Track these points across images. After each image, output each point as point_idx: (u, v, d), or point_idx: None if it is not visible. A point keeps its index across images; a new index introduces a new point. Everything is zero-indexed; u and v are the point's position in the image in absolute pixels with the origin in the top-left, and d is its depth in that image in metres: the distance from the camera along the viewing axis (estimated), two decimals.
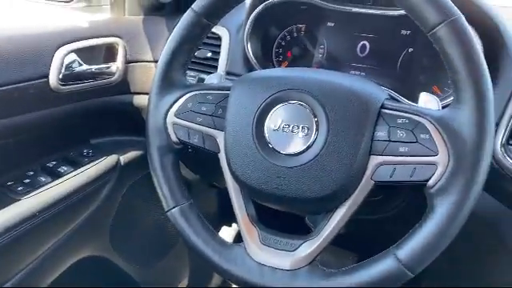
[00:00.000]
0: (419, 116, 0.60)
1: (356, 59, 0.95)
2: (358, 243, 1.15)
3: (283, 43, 1.02)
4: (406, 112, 0.61)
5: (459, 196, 0.56)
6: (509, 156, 0.73)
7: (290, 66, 1.01)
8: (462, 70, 0.57)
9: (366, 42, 0.94)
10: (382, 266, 0.60)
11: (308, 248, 0.66)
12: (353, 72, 0.95)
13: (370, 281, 0.61)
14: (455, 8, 0.58)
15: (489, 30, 0.79)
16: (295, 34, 1.01)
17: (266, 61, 1.00)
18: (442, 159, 0.58)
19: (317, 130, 0.64)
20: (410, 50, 0.90)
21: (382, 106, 0.63)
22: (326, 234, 0.65)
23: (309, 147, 0.64)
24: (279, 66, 1.02)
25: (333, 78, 0.67)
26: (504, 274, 0.84)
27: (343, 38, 0.96)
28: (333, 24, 0.97)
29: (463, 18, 0.58)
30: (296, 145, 0.65)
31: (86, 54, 0.96)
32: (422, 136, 0.59)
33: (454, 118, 0.58)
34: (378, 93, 0.65)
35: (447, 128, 0.58)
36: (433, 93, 0.81)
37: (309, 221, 0.87)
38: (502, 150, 0.74)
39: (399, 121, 0.61)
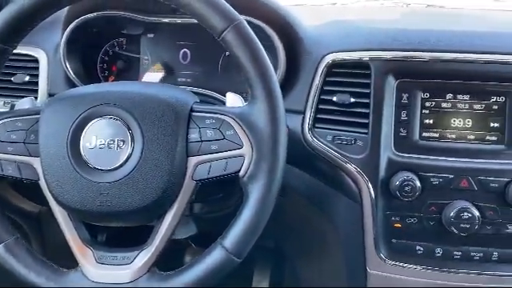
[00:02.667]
0: (223, 115, 0.66)
1: (180, 67, 0.99)
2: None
3: (106, 58, 1.02)
4: (212, 112, 0.66)
5: (266, 180, 0.63)
6: (315, 138, 0.83)
7: (117, 80, 1.00)
8: (251, 69, 0.63)
9: (186, 50, 0.98)
10: (212, 257, 0.64)
11: (144, 257, 0.67)
12: (180, 79, 0.99)
13: (204, 275, 0.64)
14: (236, 13, 0.64)
15: (286, 29, 0.89)
16: (117, 48, 1.01)
17: (91, 78, 0.98)
18: (246, 150, 0.64)
19: (132, 142, 0.65)
20: (227, 53, 0.96)
21: (192, 110, 0.67)
22: (158, 241, 0.67)
23: (127, 160, 0.65)
24: (106, 81, 1.01)
25: (142, 89, 0.69)
26: (332, 252, 0.94)
27: (165, 48, 0.99)
28: (152, 35, 0.99)
29: (244, 22, 0.64)
30: (114, 159, 0.65)
31: None
32: (227, 132, 0.65)
33: (250, 113, 0.64)
34: (186, 98, 0.69)
35: (246, 122, 0.64)
36: None
37: None
38: (310, 133, 0.84)
39: (207, 121, 0.66)
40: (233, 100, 0.71)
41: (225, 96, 0.78)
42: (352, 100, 0.82)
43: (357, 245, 0.84)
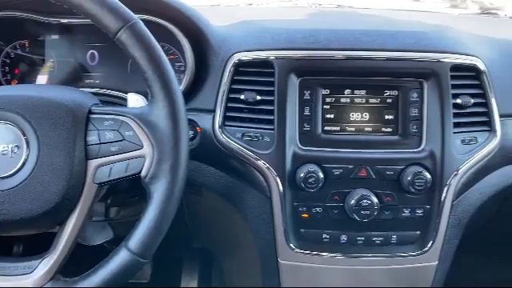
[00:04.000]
0: (122, 115, 0.65)
1: (88, 68, 0.96)
2: None
3: (8, 61, 0.97)
4: (111, 114, 0.66)
5: (168, 179, 0.64)
6: (226, 135, 0.85)
7: (21, 84, 0.96)
8: (148, 68, 0.64)
9: (94, 51, 0.96)
10: (117, 260, 0.64)
11: (46, 265, 0.65)
12: (88, 81, 0.96)
13: (109, 277, 0.64)
14: (131, 13, 0.64)
15: (192, 29, 0.90)
16: (20, 51, 0.97)
17: None
18: (147, 151, 0.64)
19: (27, 147, 0.63)
20: None
21: (90, 112, 0.66)
22: (61, 247, 0.65)
23: (22, 166, 0.63)
24: (8, 84, 0.96)
25: (38, 93, 0.67)
26: (247, 246, 0.97)
27: (71, 50, 0.96)
28: (57, 36, 0.96)
29: (141, 23, 0.65)
30: (8, 166, 0.63)
31: None
32: (127, 133, 0.64)
33: (150, 113, 0.65)
34: (84, 100, 0.67)
35: (146, 122, 0.64)
36: None
37: None
38: (220, 130, 0.86)
39: (106, 123, 0.65)
40: (134, 100, 0.71)
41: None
42: (258, 98, 0.85)
43: (268, 237, 0.87)
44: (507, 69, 0.92)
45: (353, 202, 0.82)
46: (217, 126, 0.86)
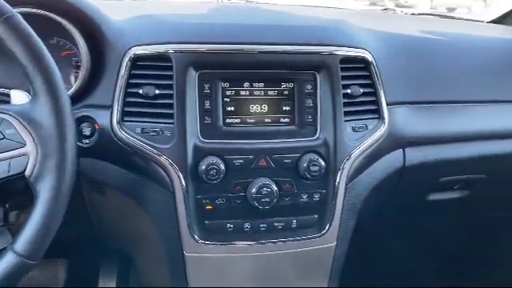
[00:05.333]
0: (2, 113, 0.62)
1: None
2: None
3: None
4: None
5: (54, 177, 0.62)
6: (125, 131, 0.84)
7: None
8: (28, 63, 0.61)
9: None
10: (2, 264, 0.61)
11: None
12: None
13: None
14: (8, 6, 0.61)
15: (86, 23, 0.87)
16: None
17: None
18: (30, 149, 0.62)
19: None
20: None
21: None
22: None
23: None
24: None
25: None
26: (154, 242, 0.97)
27: None
28: None
29: (18, 16, 0.62)
30: None
31: None
32: (7, 131, 0.62)
33: (33, 109, 0.62)
34: None
35: (29, 119, 0.62)
36: None
37: None
38: (119, 126, 0.84)
39: None
40: (18, 97, 0.68)
41: None
42: (157, 92, 0.85)
43: (173, 231, 0.87)
44: (394, 60, 1.00)
45: (254, 190, 0.85)
46: (115, 122, 0.84)
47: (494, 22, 1.49)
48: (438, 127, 1.03)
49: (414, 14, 1.49)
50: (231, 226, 0.87)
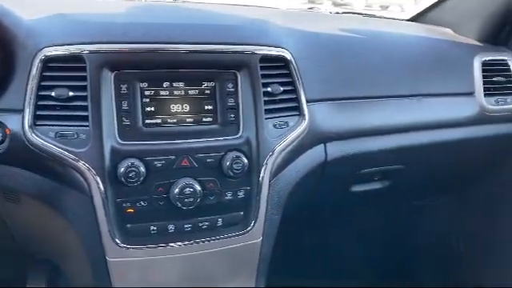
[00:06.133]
0: None
1: None
2: None
3: None
4: None
5: None
6: (37, 136, 0.80)
7: None
8: None
9: None
10: None
11: None
12: None
13: None
14: None
15: None
16: None
17: None
18: None
19: None
20: None
21: None
22: None
23: None
24: None
25: None
26: (76, 249, 0.94)
27: None
28: None
29: None
30: None
31: None
32: None
33: None
34: None
35: None
36: None
37: None
38: (31, 131, 0.80)
39: None
40: None
41: None
42: (71, 94, 0.81)
43: (94, 237, 0.85)
44: (313, 59, 1.03)
45: (177, 191, 0.84)
46: (26, 127, 0.80)
47: (411, 20, 1.58)
48: (357, 122, 1.07)
49: (338, 13, 1.55)
50: (155, 228, 0.86)
